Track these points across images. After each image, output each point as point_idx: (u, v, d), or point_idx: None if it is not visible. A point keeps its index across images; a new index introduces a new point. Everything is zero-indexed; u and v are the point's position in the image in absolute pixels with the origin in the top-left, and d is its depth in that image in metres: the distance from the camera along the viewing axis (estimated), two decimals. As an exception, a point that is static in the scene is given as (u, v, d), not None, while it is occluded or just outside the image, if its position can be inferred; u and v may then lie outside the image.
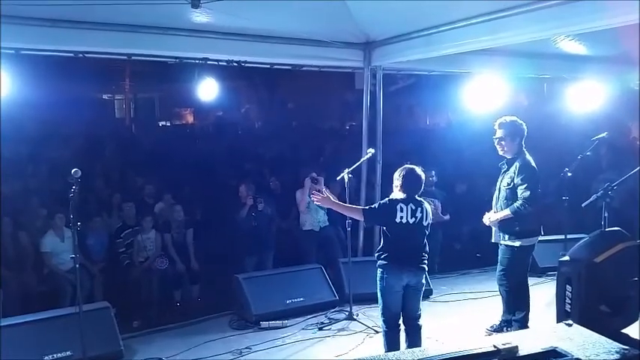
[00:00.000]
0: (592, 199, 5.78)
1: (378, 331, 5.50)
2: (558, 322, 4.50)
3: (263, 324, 6.09)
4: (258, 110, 19.93)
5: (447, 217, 8.01)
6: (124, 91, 21.03)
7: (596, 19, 4.72)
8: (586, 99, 8.40)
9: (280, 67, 7.41)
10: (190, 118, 21.82)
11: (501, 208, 5.35)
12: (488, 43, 5.76)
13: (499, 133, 5.39)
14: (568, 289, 4.75)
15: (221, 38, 6.24)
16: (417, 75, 10.86)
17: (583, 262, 4.75)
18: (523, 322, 5.33)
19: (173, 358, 5.42)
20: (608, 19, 4.65)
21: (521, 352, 2.77)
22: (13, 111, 6.48)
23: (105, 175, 9.34)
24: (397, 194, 4.83)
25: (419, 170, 4.89)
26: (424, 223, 4.78)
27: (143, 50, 6.20)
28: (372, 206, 4.98)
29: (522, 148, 5.36)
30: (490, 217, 5.47)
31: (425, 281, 4.95)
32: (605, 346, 2.90)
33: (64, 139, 11.16)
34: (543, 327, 3.63)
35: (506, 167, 5.41)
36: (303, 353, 5.48)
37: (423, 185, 4.89)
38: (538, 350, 2.80)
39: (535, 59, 7.58)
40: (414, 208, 4.74)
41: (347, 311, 6.31)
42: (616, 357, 2.79)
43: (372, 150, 6.47)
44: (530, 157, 5.31)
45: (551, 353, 2.79)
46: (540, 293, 6.31)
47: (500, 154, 5.46)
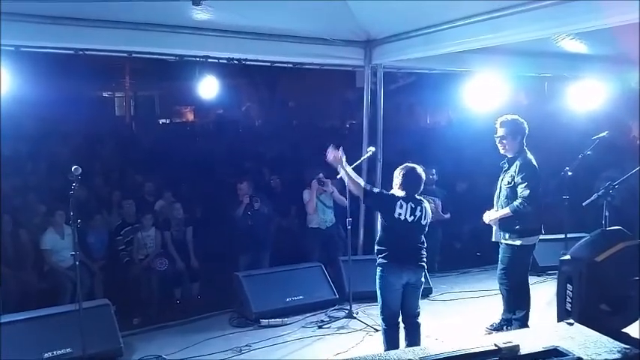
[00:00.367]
0: (593, 197, 5.77)
1: (377, 330, 5.49)
2: (559, 321, 4.49)
3: (263, 322, 6.10)
4: (259, 108, 19.92)
5: (447, 215, 8.00)
6: (124, 88, 21.04)
7: (596, 19, 4.70)
8: (587, 98, 8.39)
9: (281, 65, 7.40)
10: (191, 116, 21.81)
11: (502, 206, 5.35)
12: (488, 42, 5.75)
13: (500, 132, 5.39)
14: (569, 288, 4.73)
15: (222, 36, 6.23)
16: (418, 73, 10.83)
17: (584, 261, 4.73)
18: (523, 321, 5.33)
19: (173, 355, 5.41)
20: (607, 19, 4.64)
21: (523, 351, 2.77)
22: (12, 108, 6.46)
23: (105, 172, 9.33)
24: (397, 192, 4.83)
25: (419, 169, 4.88)
26: (423, 222, 4.78)
27: (144, 48, 6.20)
28: (374, 189, 4.93)
29: (523, 146, 5.36)
30: (490, 216, 5.47)
31: (424, 279, 4.95)
32: (606, 345, 2.91)
33: (63, 137, 11.16)
34: (544, 326, 3.62)
35: (507, 166, 5.41)
36: (302, 351, 5.48)
37: (422, 184, 4.89)
38: (539, 349, 2.80)
39: (536, 58, 7.57)
40: (413, 206, 4.74)
41: (347, 309, 6.31)
42: (617, 356, 2.80)
43: (373, 148, 6.45)
44: (531, 156, 5.31)
45: (553, 352, 2.79)
46: (541, 292, 6.31)
47: (501, 152, 5.45)
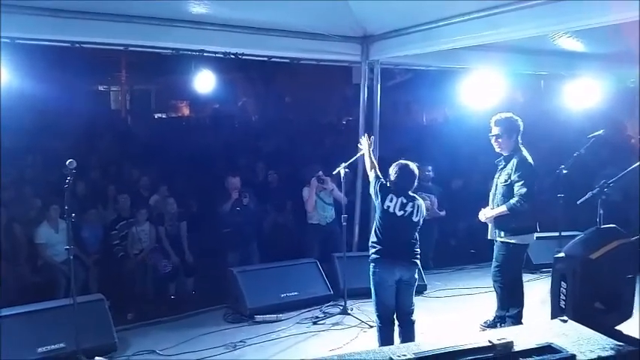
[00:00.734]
0: (587, 196, 5.79)
1: (372, 326, 5.50)
2: (553, 318, 4.50)
3: (257, 317, 6.10)
4: (255, 103, 19.87)
5: (442, 212, 8.01)
6: (120, 82, 20.95)
7: (593, 17, 4.73)
8: (583, 96, 8.42)
9: (277, 60, 7.38)
10: (186, 111, 21.73)
11: (498, 204, 5.35)
12: (486, 39, 5.77)
13: (495, 131, 5.38)
14: (563, 285, 4.75)
15: (218, 30, 6.21)
16: (415, 70, 10.82)
17: (578, 259, 4.74)
18: (517, 319, 5.34)
19: (167, 350, 5.41)
20: (604, 17, 4.66)
21: (517, 347, 2.78)
22: (7, 101, 6.43)
23: (100, 166, 9.29)
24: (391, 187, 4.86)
25: (413, 166, 4.89)
26: (414, 218, 4.79)
27: (140, 41, 6.18)
28: (380, 177, 5.00)
29: (519, 144, 5.35)
30: (486, 214, 5.47)
31: (418, 276, 4.96)
32: (599, 343, 2.92)
33: (59, 131, 11.06)
34: (538, 323, 3.64)
35: (503, 164, 5.40)
36: (297, 347, 5.49)
37: (416, 181, 4.91)
38: (533, 346, 2.81)
39: (532, 56, 7.59)
40: (404, 202, 4.77)
41: (341, 306, 6.31)
42: (610, 353, 2.81)
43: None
44: (527, 154, 5.30)
45: (547, 349, 2.80)
46: (534, 290, 6.34)
47: (497, 151, 5.45)
